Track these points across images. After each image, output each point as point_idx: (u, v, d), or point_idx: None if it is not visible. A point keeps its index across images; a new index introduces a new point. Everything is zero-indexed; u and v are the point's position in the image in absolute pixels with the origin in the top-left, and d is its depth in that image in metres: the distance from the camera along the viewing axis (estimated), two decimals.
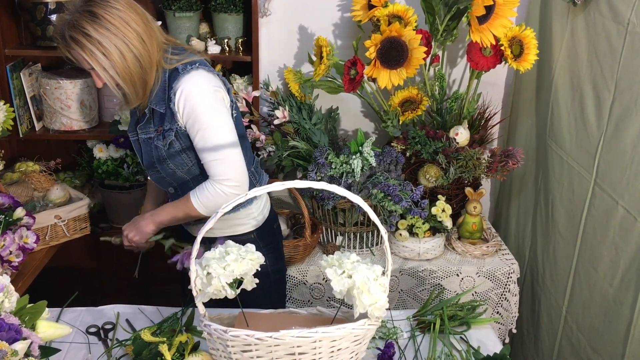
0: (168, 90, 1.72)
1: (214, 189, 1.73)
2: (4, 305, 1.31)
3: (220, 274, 1.30)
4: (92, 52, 1.61)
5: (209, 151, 1.72)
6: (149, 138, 1.81)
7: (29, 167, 2.37)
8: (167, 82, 1.73)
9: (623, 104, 1.91)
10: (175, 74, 1.71)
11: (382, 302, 1.31)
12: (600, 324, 2.03)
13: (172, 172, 1.84)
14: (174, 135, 1.75)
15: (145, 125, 1.81)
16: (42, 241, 2.17)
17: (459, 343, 1.69)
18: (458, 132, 2.42)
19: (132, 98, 1.73)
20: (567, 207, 2.26)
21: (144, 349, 1.48)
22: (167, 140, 1.77)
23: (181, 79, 1.69)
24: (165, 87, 1.73)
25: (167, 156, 1.80)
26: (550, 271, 2.40)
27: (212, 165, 1.73)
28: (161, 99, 1.74)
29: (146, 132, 1.82)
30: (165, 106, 1.74)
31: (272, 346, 1.28)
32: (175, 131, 1.75)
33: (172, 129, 1.75)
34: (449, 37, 2.42)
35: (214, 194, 1.74)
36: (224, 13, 2.62)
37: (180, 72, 1.71)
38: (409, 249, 2.40)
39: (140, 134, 1.83)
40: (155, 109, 1.76)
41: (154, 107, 1.76)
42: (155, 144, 1.80)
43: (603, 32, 2.01)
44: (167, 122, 1.75)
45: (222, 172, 1.73)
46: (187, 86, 1.69)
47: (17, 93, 2.55)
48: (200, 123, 1.70)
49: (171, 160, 1.81)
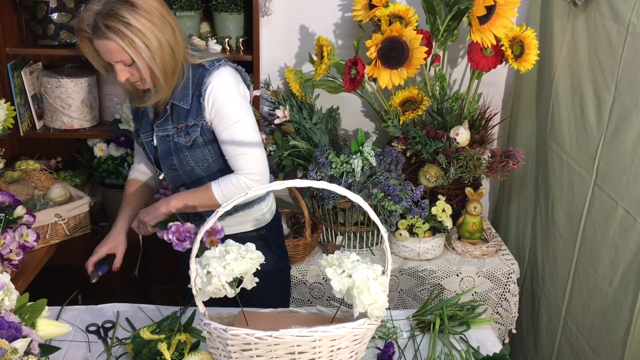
0: (198, 86, 1.74)
1: (237, 181, 1.75)
2: (4, 304, 1.31)
3: (220, 272, 1.30)
4: (132, 41, 1.60)
5: (236, 145, 1.75)
6: (166, 136, 1.81)
7: (29, 165, 2.37)
8: (194, 78, 1.75)
9: (623, 104, 1.91)
10: (202, 70, 1.74)
11: (382, 302, 1.31)
12: (599, 325, 2.03)
13: (190, 169, 1.84)
14: (199, 131, 1.77)
15: (163, 122, 1.81)
16: (42, 240, 2.17)
17: (458, 343, 1.69)
18: (458, 132, 2.42)
19: (162, 90, 1.72)
20: (567, 207, 2.26)
21: (143, 347, 1.48)
22: (191, 137, 1.77)
23: (212, 74, 1.73)
24: (189, 82, 1.75)
25: (188, 153, 1.80)
26: (550, 271, 2.40)
27: (238, 159, 1.75)
28: (185, 95, 1.76)
29: (163, 129, 1.81)
30: (189, 102, 1.76)
31: (271, 345, 1.28)
32: (201, 127, 1.77)
33: (198, 124, 1.77)
34: (450, 37, 2.42)
35: (237, 186, 1.75)
36: (224, 12, 2.62)
37: (207, 69, 1.74)
38: (409, 248, 2.40)
39: (157, 131, 1.82)
40: (177, 105, 1.77)
41: (177, 102, 1.77)
42: (175, 140, 1.80)
43: (604, 33, 2.01)
44: (192, 117, 1.77)
45: (247, 166, 1.75)
46: (217, 82, 1.72)
47: (18, 91, 2.55)
48: (229, 118, 1.73)
49: (192, 156, 1.81)
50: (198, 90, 1.74)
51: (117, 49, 1.62)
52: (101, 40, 1.62)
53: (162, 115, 1.81)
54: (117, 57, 1.64)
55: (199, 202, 1.81)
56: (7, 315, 1.27)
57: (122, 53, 1.63)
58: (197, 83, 1.75)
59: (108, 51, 1.63)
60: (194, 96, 1.75)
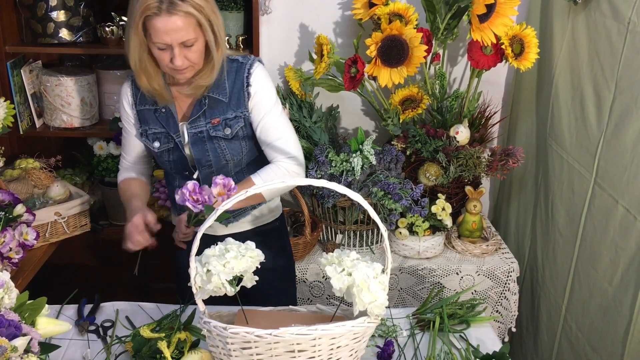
0: (239, 77, 1.77)
1: (278, 168, 1.78)
2: (4, 302, 1.31)
3: (220, 271, 1.30)
4: (206, 17, 1.62)
5: (276, 130, 1.79)
6: (199, 132, 1.79)
7: (29, 164, 2.37)
8: (229, 71, 1.77)
9: (623, 103, 1.90)
10: (239, 64, 1.78)
11: (382, 300, 1.31)
12: (599, 323, 2.03)
13: (225, 163, 1.83)
14: (243, 122, 1.79)
15: (197, 119, 1.79)
16: (42, 238, 2.17)
17: (458, 341, 1.69)
18: (458, 131, 2.42)
19: (209, 78, 1.72)
20: (567, 206, 2.26)
21: (143, 345, 1.48)
22: (233, 129, 1.79)
23: (254, 66, 1.78)
24: (224, 76, 1.77)
25: (226, 146, 1.80)
26: (550, 270, 2.40)
27: (279, 143, 1.79)
28: (220, 87, 1.77)
29: (196, 126, 1.80)
30: (227, 94, 1.77)
31: (271, 343, 1.28)
32: (244, 118, 1.79)
33: (240, 116, 1.79)
34: (450, 36, 2.42)
35: (278, 173, 1.77)
36: (224, 11, 2.62)
37: (245, 63, 1.78)
38: (409, 247, 2.40)
39: (190, 128, 1.80)
40: (214, 97, 1.77)
41: (215, 95, 1.77)
42: (212, 135, 1.79)
43: (604, 31, 2.01)
44: (232, 110, 1.78)
45: (289, 149, 1.79)
46: (261, 73, 1.79)
47: (18, 90, 2.55)
48: (270, 107, 1.79)
49: (230, 150, 1.81)
50: (240, 82, 1.77)
51: (186, 26, 1.59)
52: (172, 17, 1.57)
53: (198, 111, 1.78)
54: (182, 36, 1.60)
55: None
56: (7, 313, 1.27)
57: (189, 31, 1.60)
58: (237, 75, 1.77)
59: (175, 29, 1.59)
60: (235, 88, 1.77)
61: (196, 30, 1.62)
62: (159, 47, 1.63)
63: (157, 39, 1.61)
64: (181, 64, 1.64)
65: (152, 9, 1.57)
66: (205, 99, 1.78)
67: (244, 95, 1.78)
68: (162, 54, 1.64)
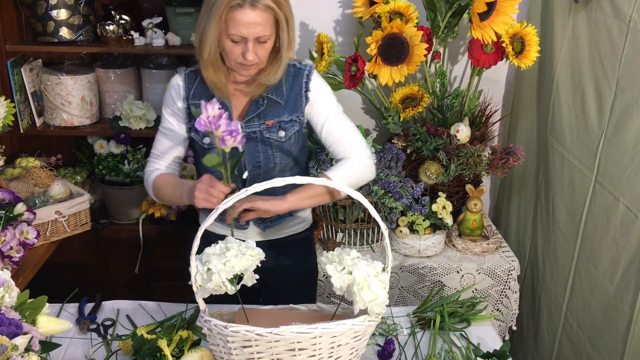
0: (297, 82, 1.78)
1: (353, 162, 1.78)
2: (5, 300, 1.31)
3: (220, 269, 1.30)
4: (285, 16, 1.63)
5: (342, 129, 1.81)
6: (252, 132, 1.78)
7: (29, 162, 2.37)
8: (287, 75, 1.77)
9: (624, 101, 1.90)
10: (295, 69, 1.79)
11: (382, 299, 1.31)
12: (600, 322, 2.03)
13: (272, 167, 1.82)
14: (298, 127, 1.80)
15: (251, 119, 1.78)
16: (43, 237, 2.17)
17: (459, 340, 1.69)
18: (459, 129, 2.42)
19: (274, 77, 1.72)
20: (568, 204, 2.26)
21: (143, 344, 1.48)
22: (287, 133, 1.79)
23: (312, 72, 1.80)
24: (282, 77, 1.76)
25: (277, 149, 1.80)
26: (551, 268, 2.40)
27: (346, 139, 1.80)
28: (278, 90, 1.77)
29: (250, 126, 1.78)
30: (283, 97, 1.78)
31: (272, 342, 1.28)
32: (299, 122, 1.80)
33: (295, 120, 1.79)
34: (450, 34, 2.42)
35: (355, 166, 1.78)
36: None
37: (303, 69, 1.79)
38: (410, 245, 2.40)
39: (245, 127, 1.77)
40: (271, 99, 1.77)
41: (273, 97, 1.77)
42: (265, 136, 1.78)
43: (604, 30, 2.01)
44: (287, 113, 1.79)
45: (359, 144, 1.81)
46: (318, 80, 1.81)
47: (18, 89, 2.55)
48: (331, 109, 1.81)
49: (281, 153, 1.81)
50: (298, 86, 1.78)
51: (264, 21, 1.60)
52: (254, 10, 1.57)
53: (254, 111, 1.78)
54: (260, 31, 1.60)
55: (315, 192, 1.72)
56: (8, 312, 1.27)
57: (267, 27, 1.61)
58: (295, 79, 1.78)
59: (254, 22, 1.59)
60: (292, 91, 1.78)
61: (272, 27, 1.63)
62: (234, 39, 1.62)
63: (234, 30, 1.60)
64: (253, 59, 1.63)
65: (237, 0, 1.57)
66: (263, 100, 1.77)
67: (301, 99, 1.78)
68: (234, 47, 1.63)
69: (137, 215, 2.73)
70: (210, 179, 1.58)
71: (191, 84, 1.80)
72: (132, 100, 2.68)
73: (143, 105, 2.67)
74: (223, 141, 1.47)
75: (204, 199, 1.57)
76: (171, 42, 2.63)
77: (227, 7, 1.58)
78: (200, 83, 1.79)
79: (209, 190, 1.56)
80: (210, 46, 1.65)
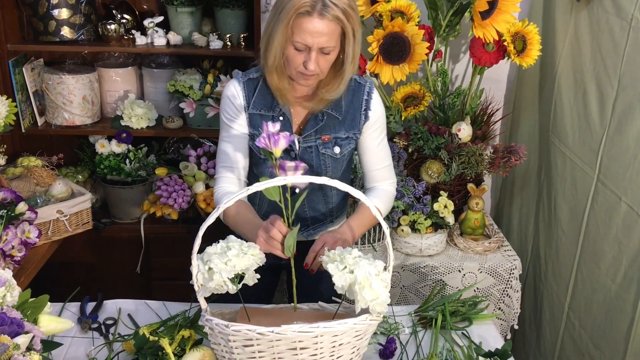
0: (357, 98, 1.75)
1: (388, 191, 1.84)
2: (7, 300, 1.31)
3: (221, 269, 1.30)
4: (353, 28, 1.58)
5: (387, 158, 1.84)
6: (309, 147, 1.76)
7: (31, 162, 2.37)
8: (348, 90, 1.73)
9: (626, 100, 1.90)
10: (356, 84, 1.76)
11: (384, 298, 1.31)
12: (602, 321, 2.03)
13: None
14: (354, 144, 1.79)
15: (309, 135, 1.75)
16: (44, 236, 2.17)
17: (460, 339, 1.69)
18: (460, 128, 2.42)
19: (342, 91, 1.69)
20: (570, 203, 2.25)
21: (145, 343, 1.48)
22: (343, 150, 1.77)
23: (374, 91, 1.77)
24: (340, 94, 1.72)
25: (331, 166, 1.79)
26: (553, 267, 2.40)
27: (386, 169, 1.84)
28: (337, 105, 1.74)
29: (307, 140, 1.76)
30: (342, 113, 1.74)
31: (273, 341, 1.28)
32: (355, 140, 1.78)
33: (352, 137, 1.77)
34: (452, 33, 2.42)
35: (389, 196, 1.84)
36: (226, 8, 2.62)
37: (363, 84, 1.76)
38: (411, 244, 2.40)
39: (302, 142, 1.75)
40: (330, 114, 1.74)
41: (332, 112, 1.74)
42: (321, 152, 1.76)
43: (606, 28, 2.01)
44: (345, 129, 1.76)
45: (392, 174, 1.87)
46: (378, 99, 1.78)
47: (20, 88, 2.55)
48: (384, 133, 1.82)
49: (333, 169, 1.79)
50: (358, 102, 1.75)
51: (331, 32, 1.55)
52: (322, 19, 1.53)
53: (313, 126, 1.74)
54: (325, 42, 1.56)
55: (369, 224, 1.78)
56: (9, 311, 1.27)
57: (332, 38, 1.57)
58: (354, 95, 1.75)
59: (320, 32, 1.54)
60: (351, 108, 1.75)
61: (338, 39, 1.59)
62: (297, 47, 1.58)
63: (299, 38, 1.56)
64: (314, 69, 1.59)
65: (306, 7, 1.53)
66: (322, 115, 1.74)
67: (360, 117, 1.76)
68: (297, 55, 1.59)
69: (139, 214, 2.73)
70: (275, 219, 1.46)
71: (250, 93, 1.75)
72: (134, 99, 2.68)
73: (144, 105, 2.67)
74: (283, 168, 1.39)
75: (264, 239, 1.47)
76: (172, 41, 2.63)
77: (296, 13, 1.54)
78: (260, 92, 1.74)
79: (269, 231, 1.45)
80: (275, 52, 1.61)
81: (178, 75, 2.70)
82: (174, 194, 2.56)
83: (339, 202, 1.93)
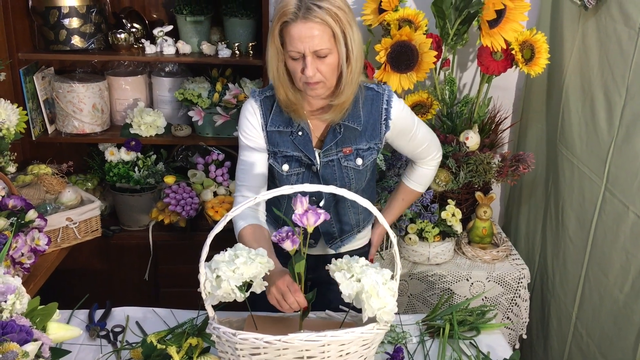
0: (377, 108, 1.73)
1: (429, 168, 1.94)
2: (16, 307, 1.31)
3: (229, 276, 1.30)
4: (341, 27, 1.55)
5: (422, 141, 1.87)
6: (330, 161, 1.75)
7: (41, 169, 2.39)
8: (365, 99, 1.72)
9: (634, 108, 1.90)
10: (375, 93, 1.74)
11: (391, 306, 1.31)
12: (610, 330, 2.02)
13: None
14: (376, 154, 1.79)
15: (329, 148, 1.73)
16: (54, 243, 2.19)
17: (468, 348, 1.69)
18: (468, 137, 2.42)
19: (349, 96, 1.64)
20: (578, 212, 2.25)
21: (152, 351, 1.49)
22: (365, 161, 1.76)
23: (393, 100, 1.74)
24: (359, 103, 1.71)
25: (354, 177, 1.77)
26: (560, 276, 2.39)
27: (424, 150, 1.89)
28: (355, 115, 1.72)
29: (328, 154, 1.74)
30: (361, 123, 1.72)
31: (280, 350, 1.29)
32: (377, 150, 1.78)
33: (374, 148, 1.77)
34: (460, 41, 2.42)
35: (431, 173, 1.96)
36: (235, 17, 2.63)
37: (382, 93, 1.74)
38: (419, 253, 2.40)
39: (323, 157, 1.74)
40: (348, 125, 1.72)
41: (350, 124, 1.71)
42: (343, 164, 1.75)
43: (614, 37, 2.00)
44: (365, 140, 1.75)
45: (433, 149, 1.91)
46: (398, 106, 1.76)
47: (30, 96, 2.58)
48: (413, 127, 1.83)
49: (356, 181, 1.78)
50: (377, 112, 1.73)
51: (320, 34, 1.54)
52: (307, 22, 1.52)
53: (332, 140, 1.73)
54: (316, 45, 1.54)
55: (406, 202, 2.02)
56: (19, 318, 1.28)
57: (323, 40, 1.54)
58: (373, 104, 1.73)
59: (310, 36, 1.53)
60: (371, 118, 1.73)
61: (331, 41, 1.56)
62: (293, 56, 1.58)
63: (291, 46, 1.56)
64: (312, 74, 1.57)
65: (289, 15, 1.53)
66: (340, 127, 1.72)
67: (380, 127, 1.74)
68: (295, 64, 1.59)
69: (147, 221, 2.74)
70: (293, 284, 1.44)
71: (268, 111, 1.74)
72: (143, 107, 2.70)
73: (153, 113, 2.68)
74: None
75: (277, 297, 1.45)
76: (181, 50, 2.65)
77: (280, 22, 1.55)
78: (277, 109, 1.73)
79: (286, 295, 1.43)
80: (272, 64, 1.62)
81: (187, 84, 2.72)
82: (182, 201, 2.57)
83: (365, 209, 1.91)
